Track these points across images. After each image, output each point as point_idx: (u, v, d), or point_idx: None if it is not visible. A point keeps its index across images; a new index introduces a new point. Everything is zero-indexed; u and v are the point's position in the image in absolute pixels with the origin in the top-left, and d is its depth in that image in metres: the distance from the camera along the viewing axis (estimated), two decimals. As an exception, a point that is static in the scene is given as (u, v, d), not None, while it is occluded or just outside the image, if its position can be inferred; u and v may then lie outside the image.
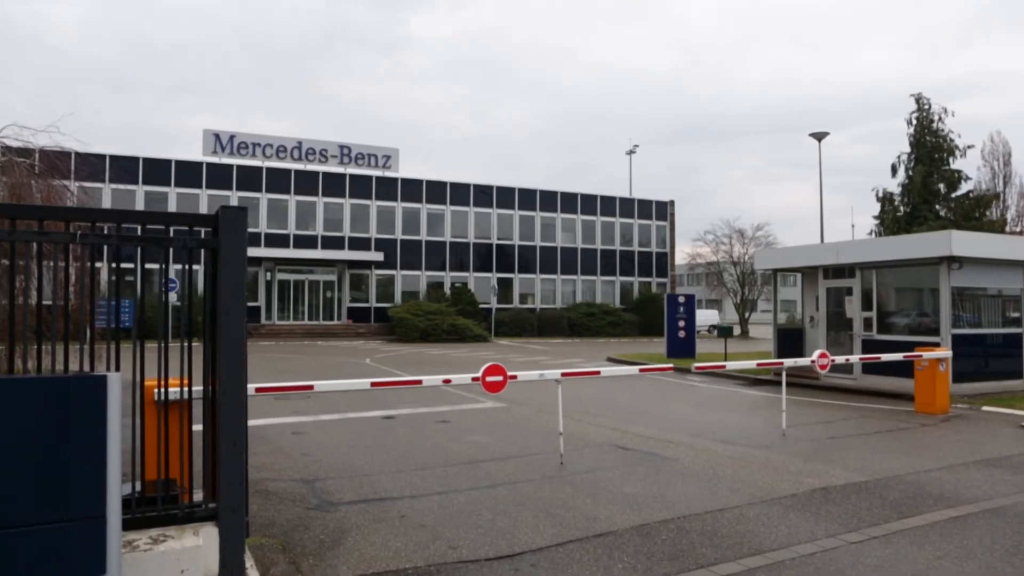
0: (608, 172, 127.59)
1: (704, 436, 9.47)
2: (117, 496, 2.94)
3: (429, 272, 41.28)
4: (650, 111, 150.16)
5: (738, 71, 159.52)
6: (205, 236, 4.33)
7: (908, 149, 35.42)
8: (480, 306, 39.60)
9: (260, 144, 38.05)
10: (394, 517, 5.79)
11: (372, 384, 7.35)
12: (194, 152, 37.61)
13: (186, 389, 4.40)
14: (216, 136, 37.24)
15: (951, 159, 34.73)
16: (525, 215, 43.83)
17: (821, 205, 53.10)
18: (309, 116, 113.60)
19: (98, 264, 4.38)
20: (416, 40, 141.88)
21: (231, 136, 37.51)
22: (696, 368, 10.89)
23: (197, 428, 4.51)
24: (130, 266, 4.53)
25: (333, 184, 39.32)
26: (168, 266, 4.31)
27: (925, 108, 34.86)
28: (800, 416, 11.02)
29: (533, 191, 44.28)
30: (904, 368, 12.40)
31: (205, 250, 4.32)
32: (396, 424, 10.45)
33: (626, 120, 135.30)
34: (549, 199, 44.61)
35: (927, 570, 4.71)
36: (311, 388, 6.94)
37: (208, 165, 37.09)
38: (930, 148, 34.49)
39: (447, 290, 40.56)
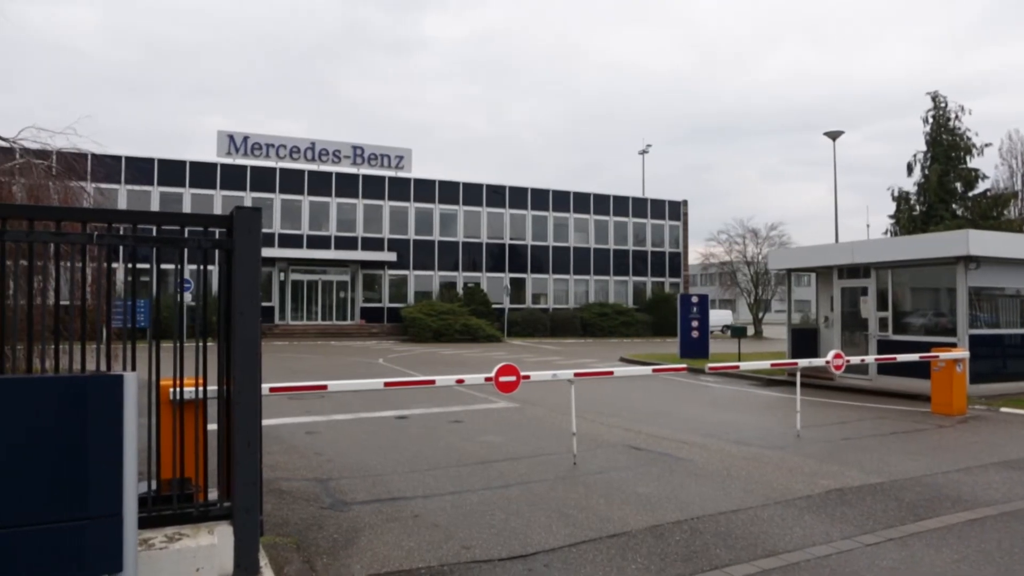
0: (621, 172, 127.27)
1: (718, 437, 9.43)
2: (133, 495, 2.96)
3: (442, 272, 41.35)
4: (663, 110, 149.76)
5: (752, 70, 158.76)
6: (219, 237, 4.36)
7: (924, 148, 35.17)
8: (493, 306, 39.61)
9: (274, 145, 38.26)
10: (407, 517, 5.80)
11: (385, 384, 7.37)
12: (208, 153, 38.00)
13: (201, 389, 4.43)
14: (230, 137, 37.48)
15: (968, 157, 34.43)
16: (538, 215, 43.81)
17: (836, 204, 52.79)
18: (322, 117, 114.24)
19: (114, 265, 4.41)
20: (429, 41, 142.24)
21: (245, 137, 37.73)
22: (709, 368, 10.83)
23: (212, 427, 4.54)
24: (146, 267, 4.57)
25: (346, 184, 39.47)
26: (183, 266, 4.34)
27: (942, 106, 34.58)
28: (815, 417, 10.95)
29: (546, 191, 44.25)
30: (920, 369, 12.29)
31: (219, 251, 4.35)
32: (409, 424, 10.48)
33: (639, 119, 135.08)
34: (562, 199, 44.56)
35: (944, 573, 4.66)
36: (325, 388, 6.97)
37: (222, 166, 37.33)
38: (946, 146, 34.21)
39: (460, 290, 40.61)
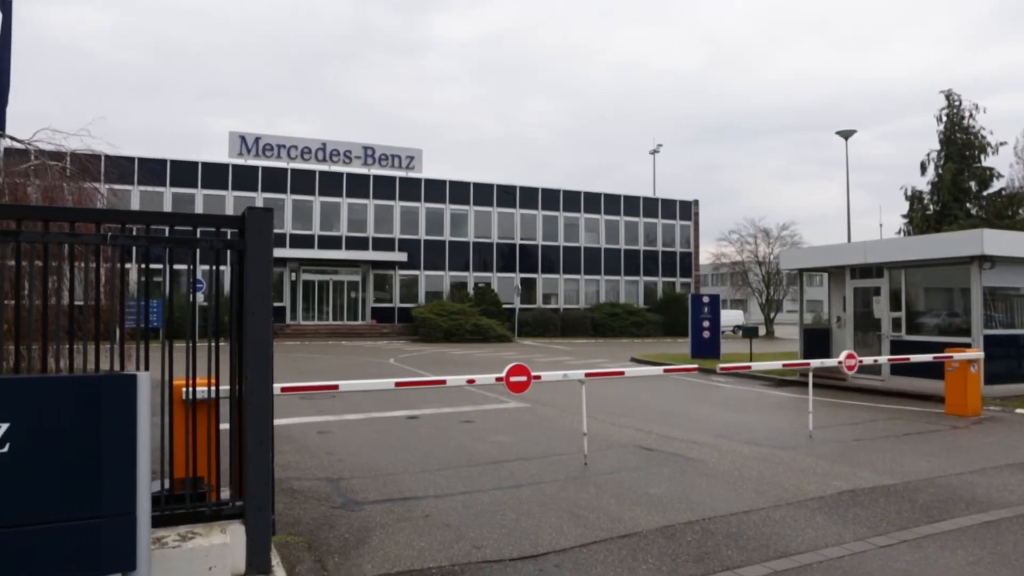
0: (631, 172, 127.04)
1: (729, 437, 9.39)
2: (147, 494, 2.98)
3: (452, 272, 41.40)
4: (674, 110, 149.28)
5: (763, 69, 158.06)
6: (232, 237, 4.38)
7: (938, 146, 34.87)
8: (503, 306, 39.62)
9: (285, 146, 38.43)
10: (418, 516, 5.81)
11: (396, 384, 7.38)
12: (220, 154, 38.12)
13: (213, 388, 4.45)
14: (242, 138, 37.67)
15: (983, 156, 34.11)
16: (548, 215, 43.78)
17: (848, 204, 52.26)
18: (333, 118, 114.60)
19: (127, 265, 4.44)
20: (438, 41, 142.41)
21: (256, 138, 37.92)
22: (721, 369, 10.77)
23: (224, 427, 4.56)
24: (159, 267, 4.60)
25: (357, 185, 39.58)
26: (196, 267, 4.36)
27: (956, 104, 34.28)
28: (827, 417, 10.89)
29: (556, 191, 44.22)
30: (934, 369, 12.19)
31: (232, 251, 4.37)
32: (420, 424, 10.49)
33: (649, 119, 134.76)
34: (572, 199, 44.52)
35: (959, 575, 4.62)
36: (336, 388, 6.99)
37: (234, 167, 37.52)
38: (961, 145, 33.91)
39: (470, 290, 40.65)
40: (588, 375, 8.19)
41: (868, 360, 11.61)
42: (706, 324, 23.44)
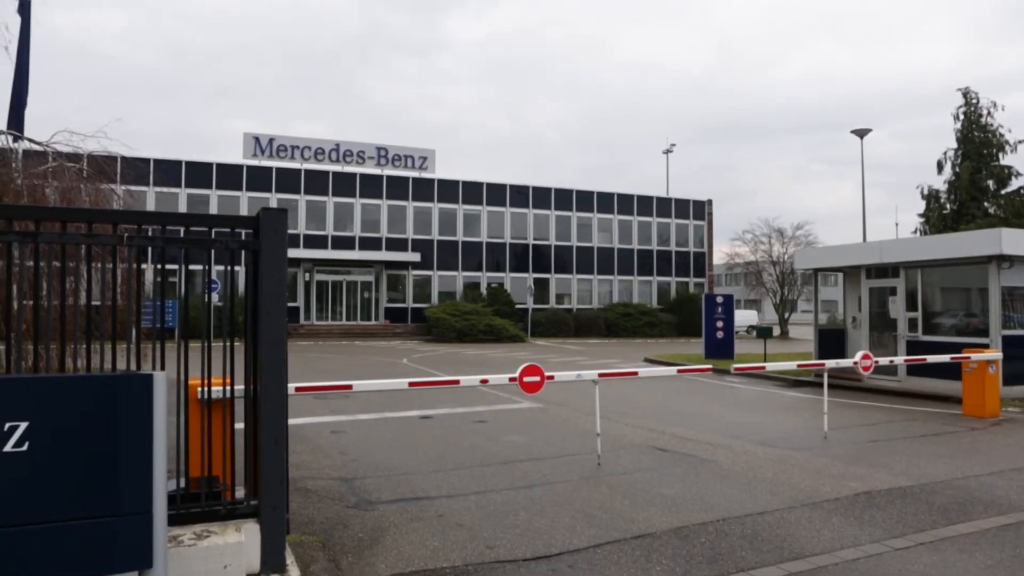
0: (644, 171, 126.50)
1: (743, 438, 9.34)
2: (163, 492, 3.00)
3: (465, 272, 41.43)
4: (687, 109, 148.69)
5: (776, 68, 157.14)
6: (246, 238, 4.40)
7: (955, 145, 34.58)
8: (516, 306, 39.59)
9: (299, 146, 38.61)
10: (432, 516, 5.82)
11: (410, 384, 7.39)
12: (234, 155, 38.34)
13: (228, 388, 4.48)
14: (256, 139, 37.89)
15: (1000, 155, 33.77)
16: (561, 215, 43.73)
17: (864, 203, 51.62)
18: (346, 118, 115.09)
19: (143, 266, 4.48)
20: (451, 42, 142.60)
21: (270, 139, 38.13)
22: (735, 369, 10.71)
23: (239, 426, 4.59)
24: (174, 267, 4.63)
25: (370, 185, 39.70)
26: (211, 267, 4.39)
27: (973, 102, 33.96)
28: (842, 418, 10.80)
29: (569, 191, 44.17)
30: (951, 370, 12.07)
31: (246, 251, 4.40)
32: (433, 424, 10.51)
33: (663, 118, 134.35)
34: (585, 199, 44.45)
35: (977, 578, 4.58)
36: (350, 388, 7.01)
37: (248, 168, 37.74)
38: (978, 143, 33.58)
39: (483, 290, 40.66)
40: (601, 375, 8.17)
41: (884, 361, 11.51)
42: (720, 324, 23.33)
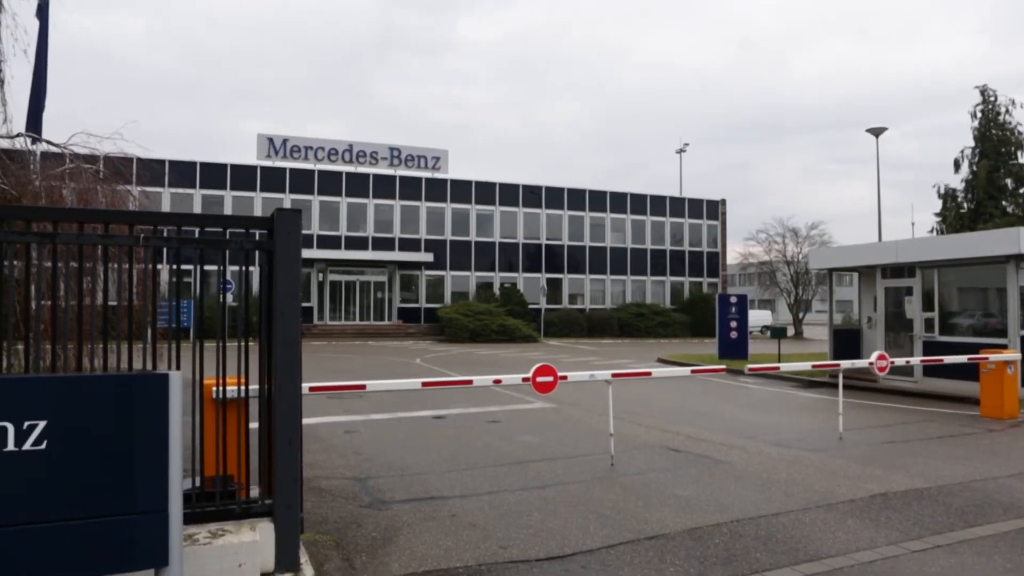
0: (658, 171, 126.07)
1: (757, 439, 9.29)
2: (179, 491, 3.02)
3: (478, 273, 41.47)
4: (700, 108, 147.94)
5: (791, 67, 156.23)
6: (261, 238, 4.43)
7: (972, 143, 34.15)
8: (529, 306, 39.58)
9: (312, 147, 38.79)
10: (445, 516, 5.83)
11: (423, 384, 7.41)
12: (248, 156, 38.58)
13: (243, 388, 4.50)
14: (270, 140, 38.10)
15: (1019, 153, 33.33)
16: (574, 215, 43.68)
17: (879, 202, 51.24)
18: (360, 119, 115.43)
19: (159, 266, 4.51)
20: (464, 42, 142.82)
21: (284, 140, 38.33)
22: (749, 369, 10.65)
23: (253, 426, 4.61)
24: (189, 268, 4.66)
25: (383, 186, 39.82)
26: (226, 268, 4.42)
27: (991, 100, 33.56)
28: (857, 419, 10.72)
29: (582, 191, 44.11)
30: (968, 371, 11.95)
31: (261, 252, 4.42)
32: (447, 424, 10.52)
33: (676, 118, 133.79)
34: (598, 199, 44.37)
35: (995, 581, 4.53)
36: (363, 388, 7.03)
37: (262, 168, 37.96)
38: (996, 142, 33.18)
39: (496, 290, 40.68)
40: (615, 376, 8.16)
41: (900, 361, 11.40)
42: (733, 324, 23.22)
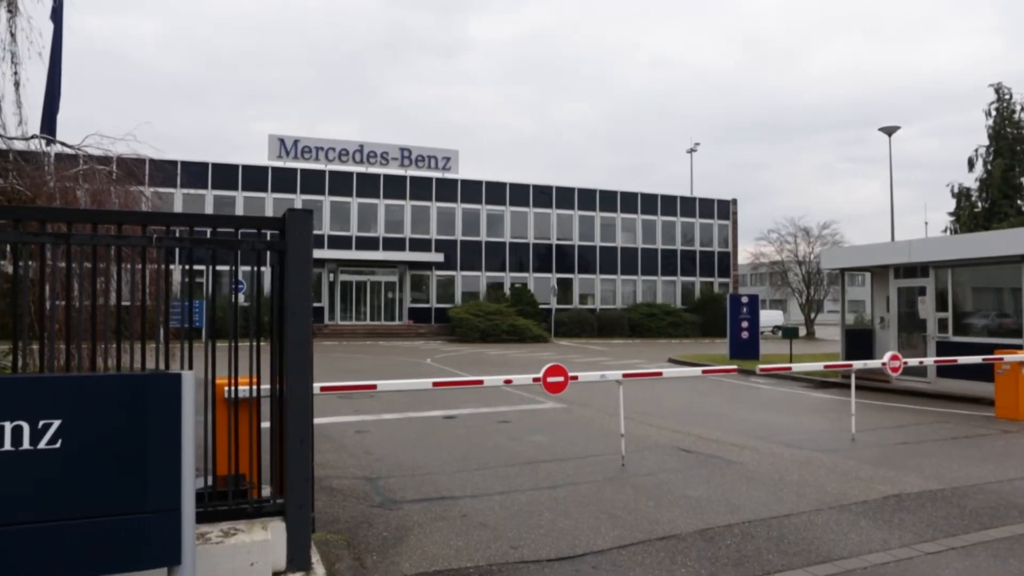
0: (668, 171, 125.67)
1: (769, 439, 9.24)
2: (191, 490, 3.04)
3: (489, 273, 41.48)
4: (712, 108, 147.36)
5: (802, 65, 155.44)
6: (272, 239, 4.44)
7: (986, 142, 33.86)
8: (540, 307, 39.57)
9: (323, 148, 38.93)
10: (456, 516, 5.83)
11: (434, 384, 7.42)
12: (260, 157, 38.79)
13: (255, 387, 4.52)
14: (281, 141, 38.27)
15: (1034, 152, 33.03)
16: (585, 215, 43.62)
17: (892, 202, 50.83)
18: (370, 120, 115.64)
19: (171, 266, 4.54)
20: (474, 42, 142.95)
21: (295, 140, 38.49)
22: (760, 370, 10.60)
23: (265, 425, 4.63)
24: (202, 268, 4.69)
25: (394, 186, 39.91)
26: (238, 268, 4.44)
27: (1006, 98, 33.27)
28: (870, 420, 10.65)
29: (593, 191, 44.05)
30: (983, 371, 11.85)
31: (272, 252, 4.44)
32: (457, 424, 10.53)
33: (687, 117, 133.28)
34: (609, 199, 44.29)
35: (1010, 583, 4.49)
36: (374, 388, 7.05)
37: (273, 169, 38.12)
38: (1011, 140, 32.88)
39: (507, 291, 40.70)
40: (625, 376, 8.14)
41: (913, 362, 11.32)
42: (745, 324, 23.13)
